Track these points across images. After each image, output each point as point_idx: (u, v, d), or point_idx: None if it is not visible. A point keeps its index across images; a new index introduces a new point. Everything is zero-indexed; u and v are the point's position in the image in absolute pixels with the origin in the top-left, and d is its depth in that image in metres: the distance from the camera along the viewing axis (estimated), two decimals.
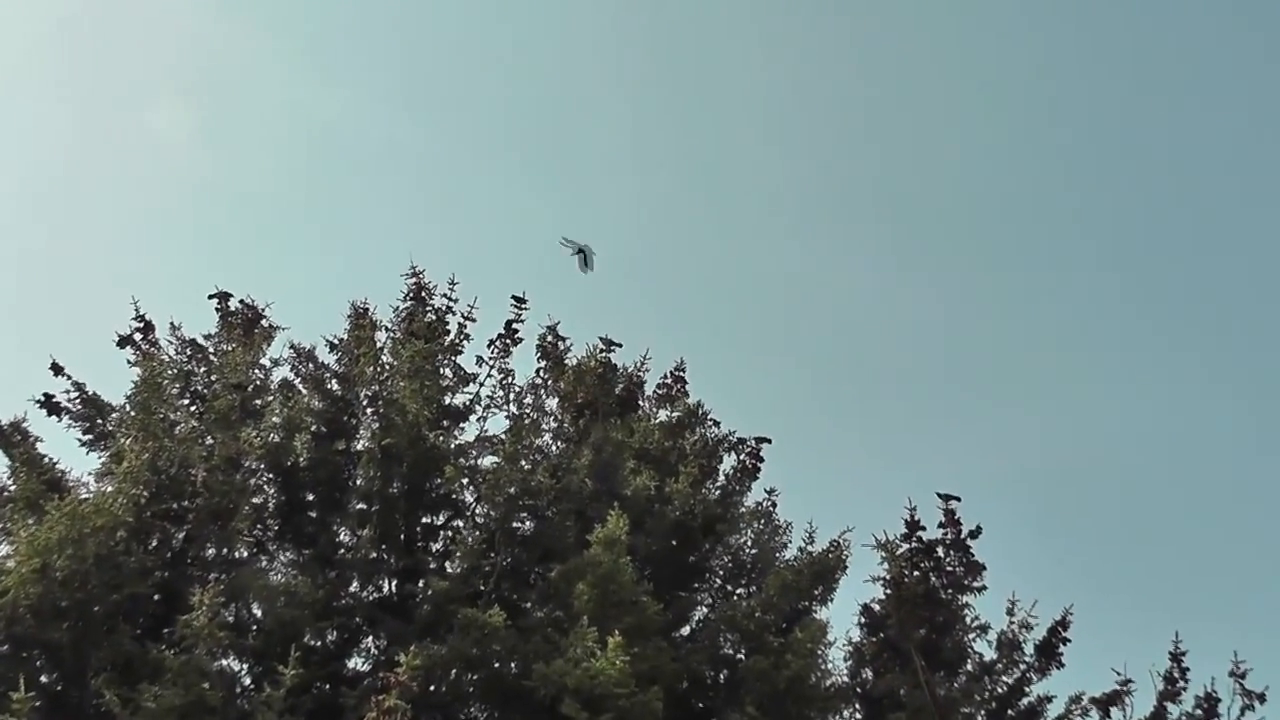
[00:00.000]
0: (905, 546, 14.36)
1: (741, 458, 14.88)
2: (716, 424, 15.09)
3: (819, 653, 12.87)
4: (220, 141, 29.41)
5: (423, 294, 14.09)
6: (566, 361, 14.73)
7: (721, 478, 14.77)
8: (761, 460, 14.79)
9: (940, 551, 14.48)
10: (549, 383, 14.64)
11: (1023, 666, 14.22)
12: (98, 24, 29.09)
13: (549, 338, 14.78)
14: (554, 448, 14.11)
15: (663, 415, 15.04)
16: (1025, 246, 31.67)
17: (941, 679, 13.75)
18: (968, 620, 14.37)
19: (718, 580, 14.15)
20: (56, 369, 13.41)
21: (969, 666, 14.16)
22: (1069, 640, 14.31)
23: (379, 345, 13.71)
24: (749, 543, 14.35)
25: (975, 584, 14.44)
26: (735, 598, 13.91)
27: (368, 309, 14.09)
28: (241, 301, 14.41)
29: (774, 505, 14.73)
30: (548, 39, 31.68)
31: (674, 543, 13.64)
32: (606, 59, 32.59)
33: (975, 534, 14.59)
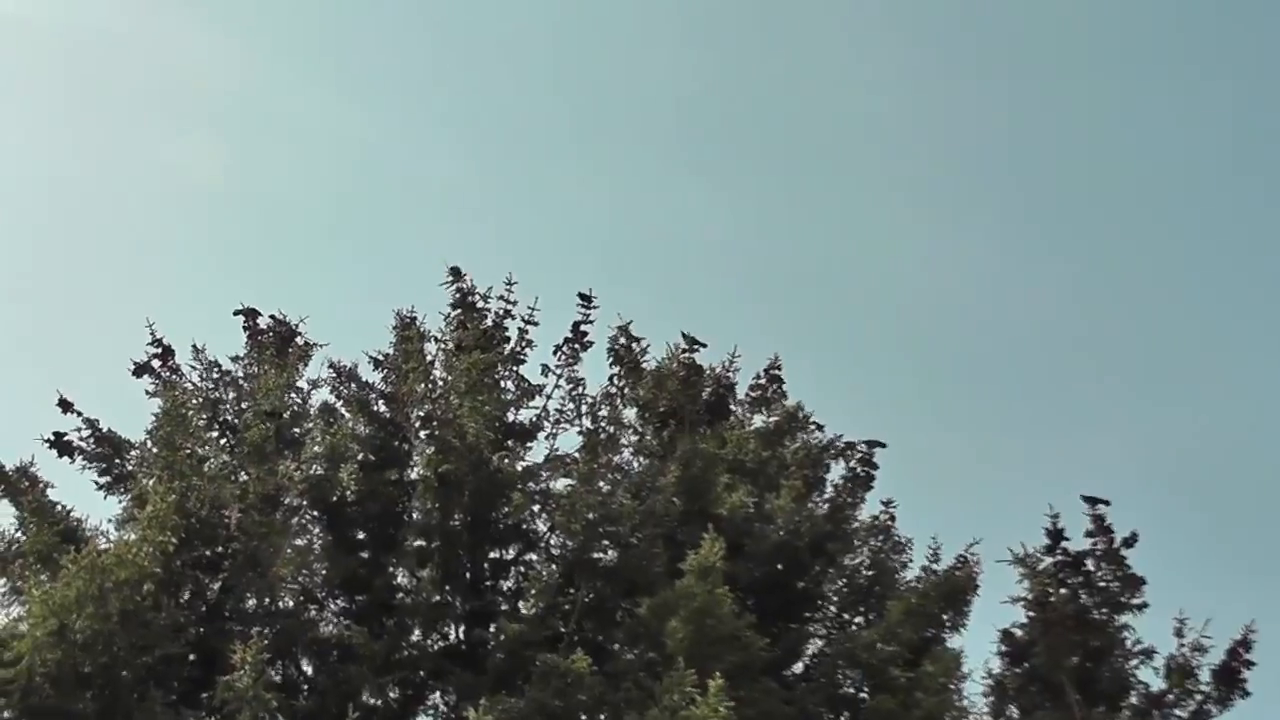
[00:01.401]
0: (1048, 560, 14.18)
1: (851, 465, 14.69)
2: (820, 428, 14.89)
3: (954, 688, 12.72)
4: (235, 157, 30.14)
5: (476, 298, 13.95)
6: (644, 365, 14.52)
7: (829, 489, 14.60)
8: (875, 467, 14.62)
9: (1090, 564, 14.22)
10: (625, 391, 14.43)
11: (1199, 697, 13.80)
12: (110, 45, 30.25)
13: (622, 339, 14.52)
14: (635, 465, 13.97)
15: (758, 421, 14.85)
16: (1179, 229, 30.59)
17: (1101, 715, 13.44)
18: (1128, 644, 14.04)
19: (832, 608, 14.00)
20: (65, 405, 13.38)
21: (1133, 699, 13.80)
22: (1252, 664, 13.89)
23: (429, 359, 13.64)
24: (865, 563, 14.17)
25: (1134, 601, 14.13)
26: (853, 627, 13.77)
27: (415, 318, 13.97)
28: (272, 318, 14.29)
29: (892, 519, 14.52)
30: (601, 28, 31.44)
31: (779, 567, 13.49)
32: (672, 36, 32.38)
33: (1130, 542, 14.26)
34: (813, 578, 13.72)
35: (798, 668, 13.37)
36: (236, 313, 14.26)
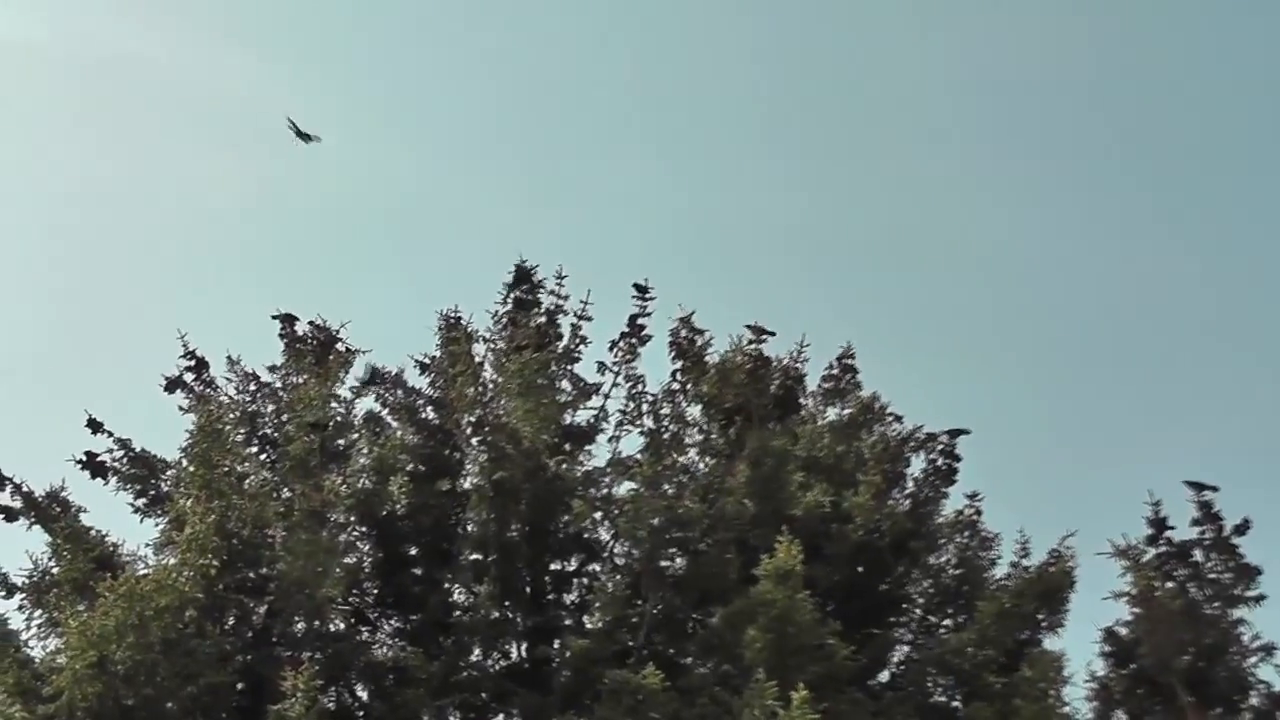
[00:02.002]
0: (1152, 552, 14.03)
1: (932, 458, 14.35)
2: (898, 419, 14.54)
3: (1054, 693, 12.43)
4: (262, 163, 30.01)
5: (526, 292, 13.85)
6: (707, 359, 14.22)
7: (910, 484, 14.28)
8: (958, 459, 14.27)
9: (1198, 555, 13.98)
10: (689, 386, 14.13)
11: None
12: (132, 66, 30.38)
13: (683, 332, 14.20)
14: (702, 465, 13.71)
15: (831, 414, 14.56)
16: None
17: (1218, 718, 13.28)
18: (1244, 640, 13.76)
19: (918, 611, 13.75)
20: (94, 425, 13.29)
21: (1254, 700, 13.54)
22: None
23: (478, 360, 13.46)
24: (952, 561, 13.87)
25: (1249, 593, 13.84)
26: (942, 631, 13.55)
27: (460, 318, 13.81)
28: (311, 324, 14.13)
29: (978, 513, 14.16)
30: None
31: (860, 569, 13.29)
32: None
33: (1243, 529, 13.96)
34: (896, 579, 13.51)
35: (884, 676, 13.20)
36: (274, 317, 14.11)
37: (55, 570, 12.18)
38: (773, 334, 14.24)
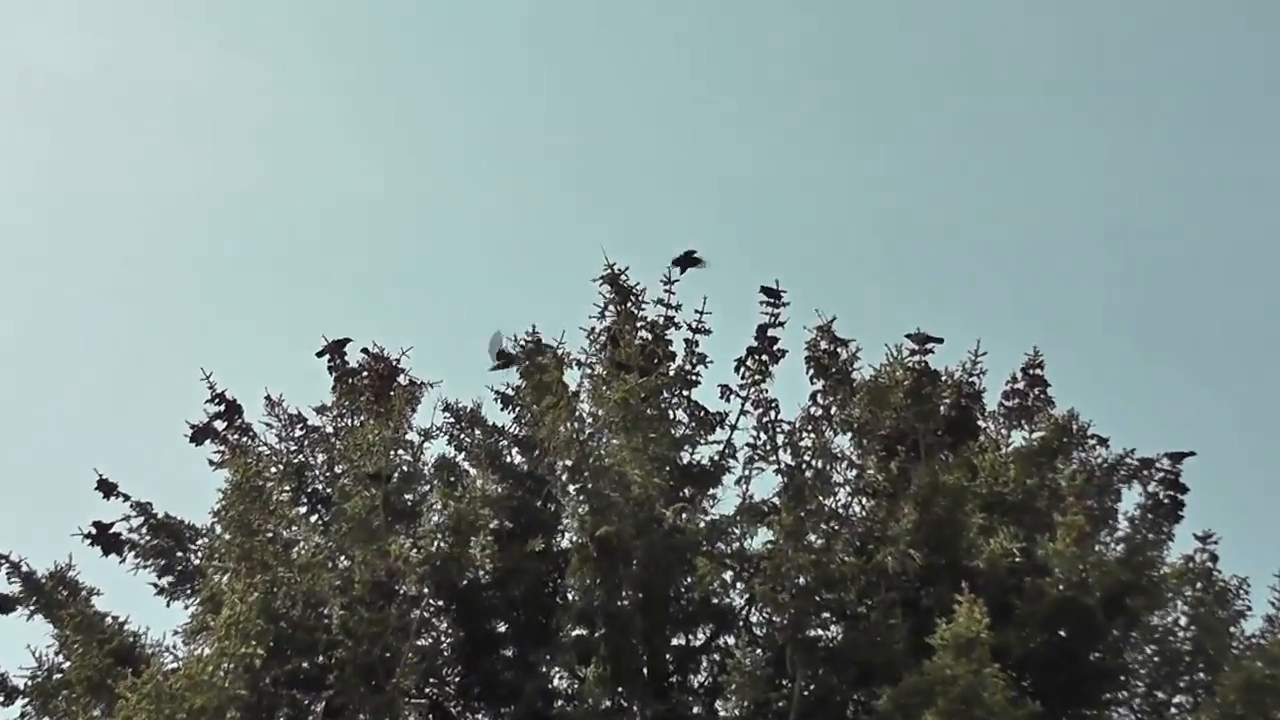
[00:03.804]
0: None
1: (1150, 489, 13.69)
2: (1103, 442, 13.80)
3: None
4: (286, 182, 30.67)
5: (627, 303, 13.37)
6: (855, 376, 13.69)
7: (1123, 524, 13.62)
8: (1183, 490, 13.54)
9: None
10: (834, 412, 13.57)
11: None
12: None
13: (823, 344, 13.62)
14: (856, 508, 13.12)
15: (1017, 439, 13.79)
16: None
17: None
18: None
19: (1140, 684, 12.95)
20: (106, 488, 13.08)
21: None
22: None
23: (572, 390, 12.96)
24: (1182, 621, 13.12)
25: None
26: (1173, 711, 12.83)
27: (540, 339, 13.36)
28: (365, 352, 13.94)
29: (1213, 559, 13.41)
30: None
31: (1062, 634, 12.40)
32: None
33: None
34: (1110, 645, 12.64)
35: None
36: (320, 353, 13.89)
37: (64, 668, 11.86)
38: (939, 341, 13.57)
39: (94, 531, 12.88)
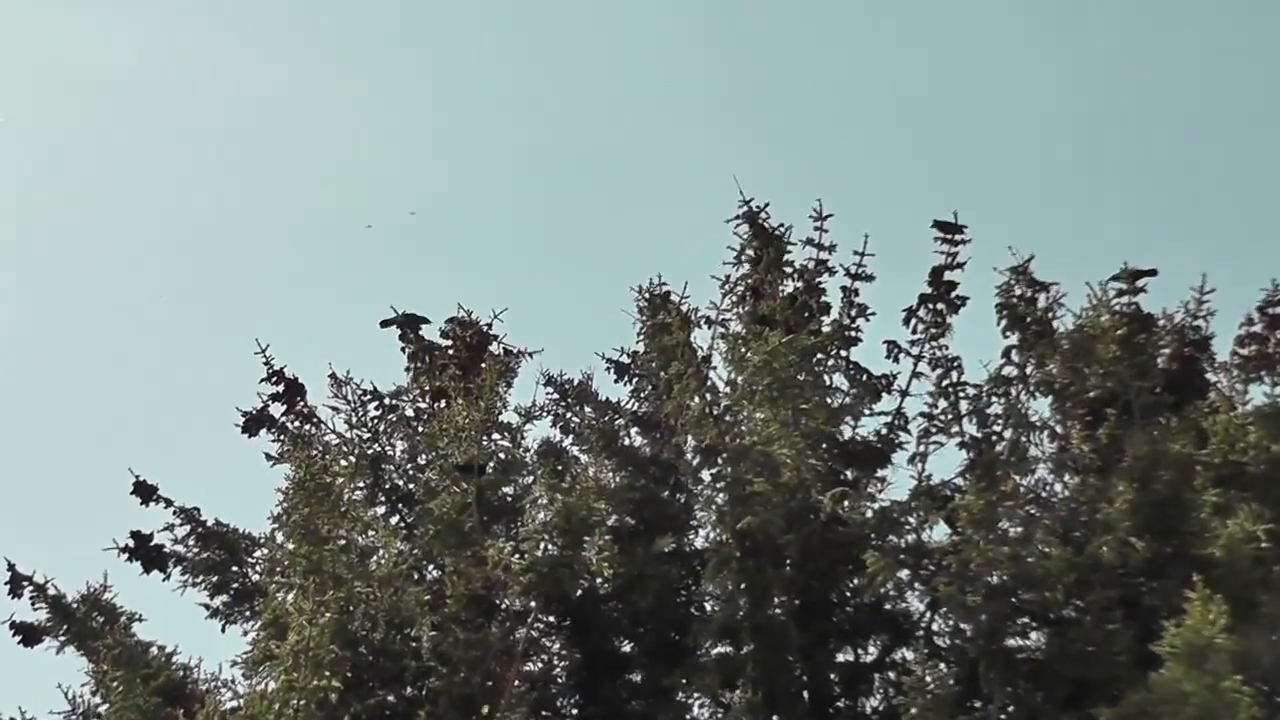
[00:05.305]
0: None
1: None
2: None
3: None
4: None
5: (770, 247, 12.76)
6: (1056, 326, 12.90)
7: None
8: None
9: None
10: (1029, 370, 12.85)
11: None
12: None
13: (1017, 289, 12.87)
14: (1060, 489, 12.44)
15: (1257, 395, 12.95)
16: None
17: None
18: None
19: None
20: (145, 492, 12.72)
21: None
22: None
23: (702, 354, 12.56)
24: None
25: None
26: None
27: (669, 294, 12.98)
28: (451, 320, 13.48)
29: None
30: None
31: None
32: None
33: None
34: None
35: None
36: (386, 323, 13.31)
37: (102, 711, 11.49)
38: (1152, 274, 12.69)
39: (132, 544, 12.54)
